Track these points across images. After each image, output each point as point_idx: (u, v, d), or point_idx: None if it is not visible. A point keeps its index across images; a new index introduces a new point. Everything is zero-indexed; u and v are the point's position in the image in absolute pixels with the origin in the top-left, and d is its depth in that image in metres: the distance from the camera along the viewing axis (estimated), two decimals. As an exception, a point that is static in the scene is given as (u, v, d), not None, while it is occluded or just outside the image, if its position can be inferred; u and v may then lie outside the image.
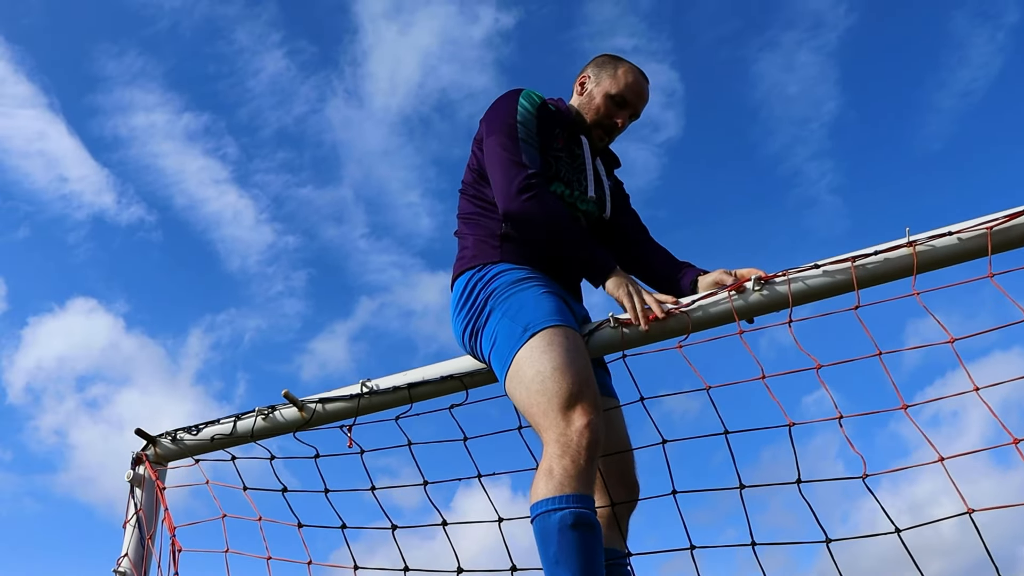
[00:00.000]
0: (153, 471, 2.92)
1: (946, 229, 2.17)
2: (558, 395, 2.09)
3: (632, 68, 2.73)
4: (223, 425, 2.87)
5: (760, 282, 2.30)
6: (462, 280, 2.45)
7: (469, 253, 2.48)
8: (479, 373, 2.52)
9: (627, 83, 2.69)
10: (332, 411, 2.72)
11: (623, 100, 2.68)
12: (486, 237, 2.48)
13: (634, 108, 2.71)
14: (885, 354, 2.16)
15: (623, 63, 2.74)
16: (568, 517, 1.93)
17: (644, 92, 2.74)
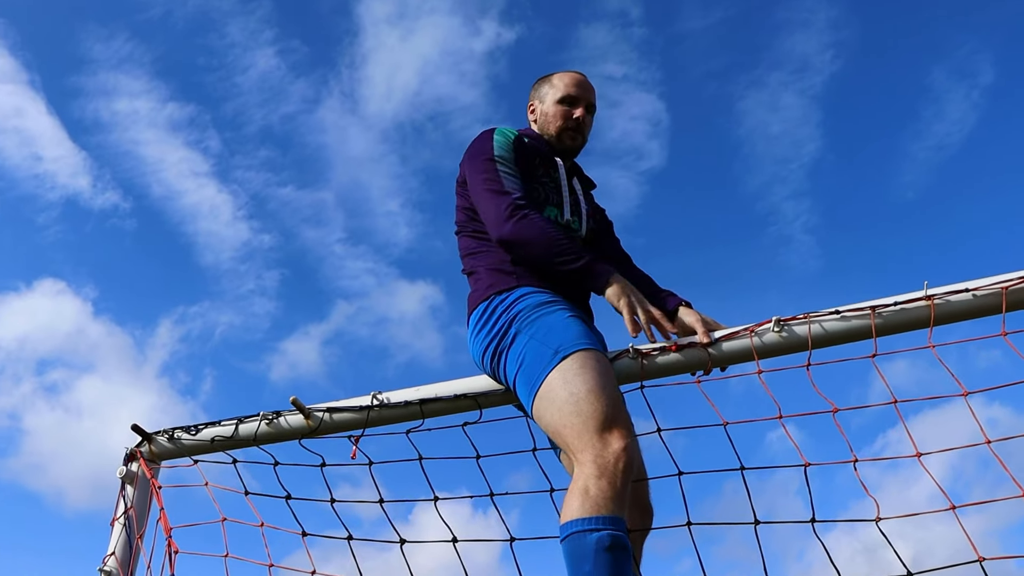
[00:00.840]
0: (148, 469, 2.87)
1: (963, 285, 2.25)
2: (594, 417, 2.11)
3: (566, 71, 2.91)
4: (224, 427, 2.84)
5: (780, 323, 2.36)
6: (482, 306, 2.49)
7: (484, 283, 2.52)
8: (494, 394, 2.54)
9: (567, 82, 2.87)
10: (340, 421, 2.70)
11: (571, 97, 2.84)
12: (498, 265, 2.53)
13: (585, 99, 2.85)
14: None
15: (555, 72, 2.92)
16: (605, 539, 1.94)
17: (586, 82, 2.89)
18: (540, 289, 2.45)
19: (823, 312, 2.34)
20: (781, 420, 2.28)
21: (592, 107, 2.89)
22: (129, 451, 2.94)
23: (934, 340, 2.25)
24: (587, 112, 2.85)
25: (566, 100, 2.84)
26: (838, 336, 2.32)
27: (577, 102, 2.84)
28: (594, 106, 2.90)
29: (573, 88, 2.85)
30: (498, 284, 2.48)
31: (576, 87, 2.86)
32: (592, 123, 2.92)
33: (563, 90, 2.85)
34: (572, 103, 2.84)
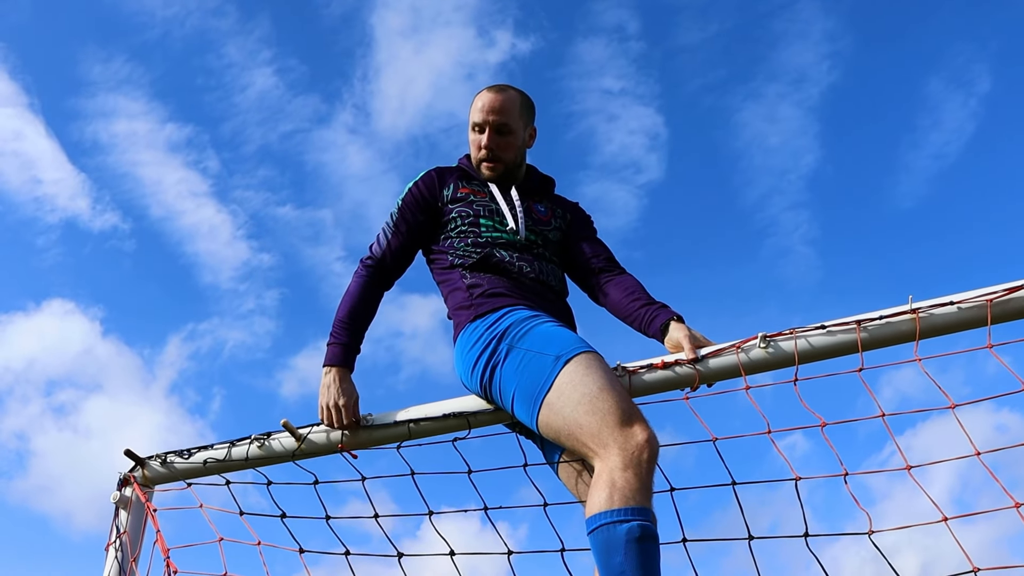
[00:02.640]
0: (143, 493, 2.88)
1: (948, 299, 2.25)
2: (612, 412, 2.10)
3: (480, 92, 2.82)
4: (217, 451, 2.85)
5: (766, 339, 2.35)
6: (469, 327, 2.50)
7: (471, 304, 2.54)
8: (483, 413, 2.53)
9: (475, 107, 2.79)
10: (332, 441, 2.70)
11: (476, 124, 2.77)
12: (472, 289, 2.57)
13: (490, 124, 2.74)
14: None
15: (477, 92, 2.84)
16: (636, 529, 1.92)
17: (490, 102, 2.75)
18: (526, 306, 2.46)
19: (809, 327, 2.33)
20: (770, 435, 2.28)
21: (503, 126, 2.74)
22: (123, 476, 2.94)
23: (921, 353, 2.25)
24: (497, 134, 2.74)
25: (474, 128, 2.79)
26: (824, 351, 2.32)
27: (483, 128, 2.75)
28: (507, 124, 2.74)
29: (476, 113, 2.76)
30: (486, 304, 2.49)
31: (479, 112, 2.75)
32: (516, 140, 2.78)
33: (472, 117, 2.79)
34: (480, 130, 2.77)
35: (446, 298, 2.68)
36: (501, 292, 2.52)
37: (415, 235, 2.76)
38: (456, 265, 2.65)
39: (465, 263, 2.63)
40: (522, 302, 2.50)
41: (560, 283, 2.72)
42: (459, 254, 2.66)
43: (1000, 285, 2.21)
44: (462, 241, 2.67)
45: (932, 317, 2.25)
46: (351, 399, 2.58)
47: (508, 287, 2.54)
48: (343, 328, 2.64)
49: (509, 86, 2.83)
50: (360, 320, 2.68)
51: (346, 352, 2.62)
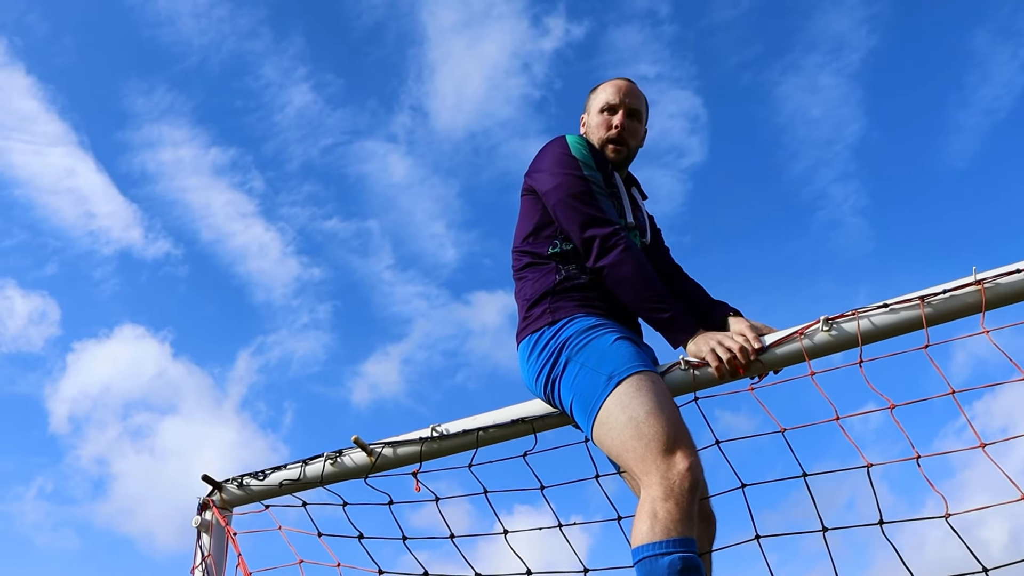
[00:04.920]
0: (222, 517, 2.95)
1: (1014, 267, 2.22)
2: (656, 439, 2.13)
3: (611, 79, 2.86)
4: (291, 470, 2.91)
5: (829, 322, 2.34)
6: (532, 337, 2.51)
7: (535, 313, 2.53)
8: (549, 417, 2.56)
9: (607, 90, 2.83)
10: (401, 455, 2.75)
11: (610, 105, 2.79)
12: (550, 290, 2.53)
13: (625, 106, 2.78)
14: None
15: (600, 83, 2.88)
16: (677, 562, 1.97)
17: (626, 87, 2.83)
18: (585, 313, 2.47)
19: (871, 307, 2.32)
20: (839, 422, 2.27)
21: (636, 112, 2.81)
22: (202, 501, 3.02)
23: (988, 325, 2.23)
24: (629, 117, 2.78)
25: (606, 108, 2.80)
26: (888, 330, 2.30)
27: (616, 109, 2.78)
28: (639, 111, 2.82)
29: (612, 95, 2.80)
30: (547, 317, 2.49)
31: (615, 94, 2.80)
32: (640, 130, 2.85)
33: (604, 98, 2.82)
34: (612, 111, 2.79)
35: (523, 287, 2.62)
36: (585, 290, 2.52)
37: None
38: (555, 255, 2.59)
39: (567, 254, 2.58)
40: (597, 308, 2.49)
41: None
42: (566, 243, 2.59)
43: (1065, 250, 2.18)
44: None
45: (998, 287, 2.22)
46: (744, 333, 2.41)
47: (597, 286, 2.52)
48: (670, 299, 2.44)
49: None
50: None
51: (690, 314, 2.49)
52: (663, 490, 2.06)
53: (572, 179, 2.57)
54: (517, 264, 2.69)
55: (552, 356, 2.42)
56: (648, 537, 2.02)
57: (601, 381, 2.27)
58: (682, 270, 2.90)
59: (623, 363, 2.29)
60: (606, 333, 2.39)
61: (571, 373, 2.35)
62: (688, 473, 2.08)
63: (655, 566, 1.99)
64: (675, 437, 2.14)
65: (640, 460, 2.14)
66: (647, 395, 2.21)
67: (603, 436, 2.26)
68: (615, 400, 2.23)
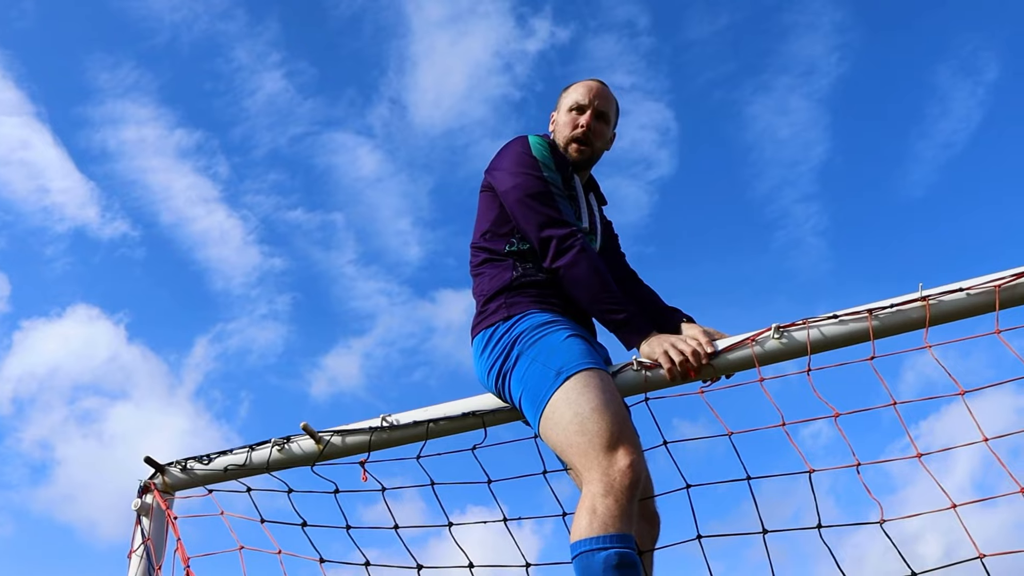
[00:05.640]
0: (163, 500, 2.91)
1: (957, 285, 2.29)
2: (599, 435, 2.15)
3: (584, 79, 2.88)
4: (237, 455, 2.87)
5: (780, 330, 2.39)
6: (487, 331, 2.52)
7: (490, 308, 2.54)
8: (500, 411, 2.57)
9: (579, 90, 2.84)
10: (350, 444, 2.73)
11: (579, 105, 2.80)
12: (506, 286, 2.55)
13: (594, 107, 2.80)
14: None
15: (574, 82, 2.90)
16: (613, 557, 1.99)
17: (598, 89, 2.84)
18: (540, 310, 2.48)
19: (821, 317, 2.37)
20: (784, 428, 2.32)
21: (604, 115, 2.82)
22: (143, 483, 2.96)
23: (932, 340, 2.29)
24: (596, 119, 2.79)
25: (575, 107, 2.81)
26: (837, 340, 2.36)
27: (584, 109, 2.79)
28: (607, 114, 2.83)
29: (582, 96, 2.81)
30: (502, 312, 2.50)
31: (586, 94, 2.81)
32: (607, 133, 2.86)
33: (574, 98, 2.82)
34: (580, 111, 2.80)
35: (480, 283, 2.64)
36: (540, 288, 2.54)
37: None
38: (512, 253, 2.60)
39: (524, 253, 2.60)
40: (552, 305, 2.51)
41: None
42: (523, 242, 2.61)
43: (1009, 271, 2.25)
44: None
45: (942, 304, 2.29)
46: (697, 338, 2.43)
47: (553, 284, 2.54)
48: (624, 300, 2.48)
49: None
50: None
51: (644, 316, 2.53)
52: (603, 486, 2.08)
53: (531, 179, 2.59)
54: (474, 260, 2.70)
55: (505, 351, 2.43)
56: (586, 532, 2.03)
57: (550, 376, 2.29)
58: (637, 276, 2.94)
59: (573, 360, 2.31)
60: (559, 330, 2.41)
61: (522, 367, 2.37)
62: (629, 470, 2.10)
63: (591, 561, 2.01)
64: (619, 435, 2.16)
65: (583, 455, 2.15)
66: (594, 392, 2.23)
67: (549, 430, 2.27)
68: (562, 395, 2.24)
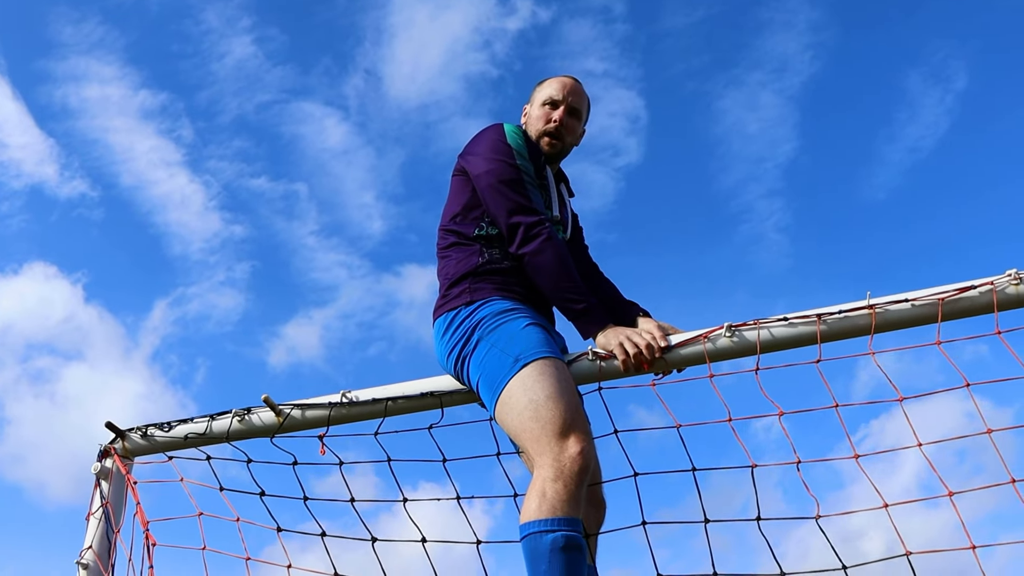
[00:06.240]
0: (123, 465, 2.95)
1: (903, 296, 2.38)
2: (552, 422, 2.23)
3: (559, 75, 2.94)
4: (197, 424, 2.91)
5: (732, 329, 2.47)
6: (448, 315, 2.57)
7: (453, 292, 2.60)
8: (457, 393, 2.64)
9: (553, 85, 2.91)
10: (309, 418, 2.79)
11: (553, 100, 2.87)
12: (471, 271, 2.60)
13: (567, 103, 2.87)
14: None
15: (548, 77, 2.96)
16: (560, 540, 2.08)
17: (572, 85, 2.91)
18: (501, 296, 2.54)
19: (772, 319, 2.45)
20: (731, 423, 2.41)
21: (576, 111, 2.89)
22: (103, 448, 3.00)
23: (876, 347, 2.38)
24: (569, 115, 2.86)
25: (548, 102, 2.87)
26: (785, 342, 2.44)
27: (558, 105, 2.86)
28: (579, 111, 2.90)
29: (556, 91, 2.88)
30: (465, 296, 2.56)
31: (559, 90, 2.88)
32: (578, 128, 2.93)
33: (548, 93, 2.89)
34: (554, 106, 2.86)
35: (446, 266, 2.69)
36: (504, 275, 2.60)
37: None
38: (480, 238, 2.66)
39: (492, 238, 2.65)
40: (514, 293, 2.57)
41: None
42: (492, 227, 2.66)
43: (952, 285, 2.34)
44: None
45: (887, 313, 2.38)
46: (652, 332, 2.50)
47: (517, 272, 2.60)
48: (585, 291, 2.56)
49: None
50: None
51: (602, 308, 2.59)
52: (554, 471, 2.16)
53: (504, 166, 2.64)
54: (442, 243, 2.75)
55: (465, 335, 2.49)
56: (535, 515, 2.12)
57: (508, 362, 2.35)
58: (599, 269, 3.00)
59: (531, 347, 2.37)
60: (519, 318, 2.47)
61: (481, 352, 2.43)
62: (579, 457, 2.18)
63: (539, 542, 2.10)
64: (571, 422, 2.24)
65: (535, 441, 2.23)
66: (549, 380, 2.30)
67: (504, 415, 2.35)
68: (518, 382, 2.31)
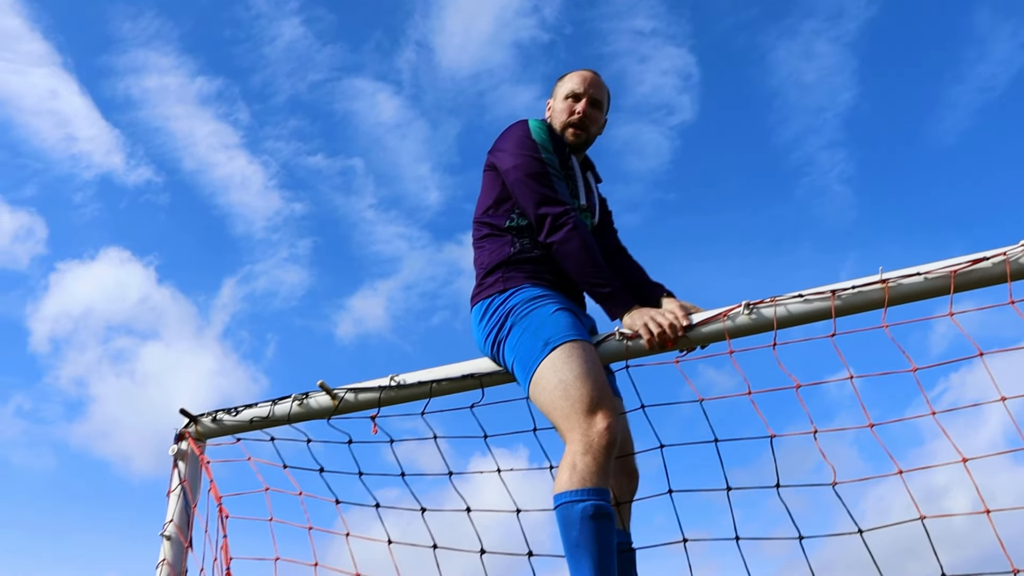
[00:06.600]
0: (197, 447, 3.23)
1: (915, 269, 2.46)
2: (580, 401, 2.40)
3: (578, 70, 3.08)
4: (261, 408, 3.18)
5: (750, 307, 2.59)
6: (484, 303, 2.76)
7: (488, 281, 2.78)
8: (495, 374, 2.82)
9: (574, 80, 3.06)
10: (362, 400, 3.02)
11: (575, 93, 3.02)
12: (504, 260, 2.78)
13: (588, 95, 3.01)
14: (857, 378, 2.49)
15: (570, 71, 3.10)
16: (589, 508, 2.27)
17: (592, 78, 3.06)
18: (532, 284, 2.71)
19: (787, 296, 2.56)
20: (751, 396, 2.54)
21: (597, 102, 3.03)
22: (179, 432, 3.30)
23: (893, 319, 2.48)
24: (591, 106, 3.01)
25: (570, 95, 3.02)
26: (801, 317, 2.55)
27: (580, 97, 3.01)
28: (600, 102, 3.05)
29: (578, 85, 3.03)
30: (499, 285, 2.74)
31: (581, 84, 3.03)
32: (600, 119, 3.08)
33: (570, 87, 3.04)
34: (576, 99, 3.01)
35: (480, 256, 2.87)
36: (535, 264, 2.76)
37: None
38: (511, 229, 2.83)
39: (523, 229, 2.82)
40: (544, 281, 2.74)
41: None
42: (522, 218, 2.83)
43: (963, 257, 2.42)
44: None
45: (900, 287, 2.47)
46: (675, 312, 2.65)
47: (547, 260, 2.77)
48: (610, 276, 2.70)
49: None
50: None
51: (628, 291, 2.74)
52: (583, 445, 2.34)
53: (530, 160, 2.80)
54: (477, 234, 2.93)
55: (500, 321, 2.67)
56: (567, 486, 2.31)
57: (539, 346, 2.53)
58: (626, 251, 3.14)
59: (560, 332, 2.54)
60: (548, 304, 2.65)
61: (514, 337, 2.61)
62: (606, 432, 2.36)
63: (571, 511, 2.29)
64: (598, 400, 2.41)
65: (565, 418, 2.41)
66: (577, 362, 2.47)
67: (537, 394, 2.53)
68: (549, 364, 2.49)
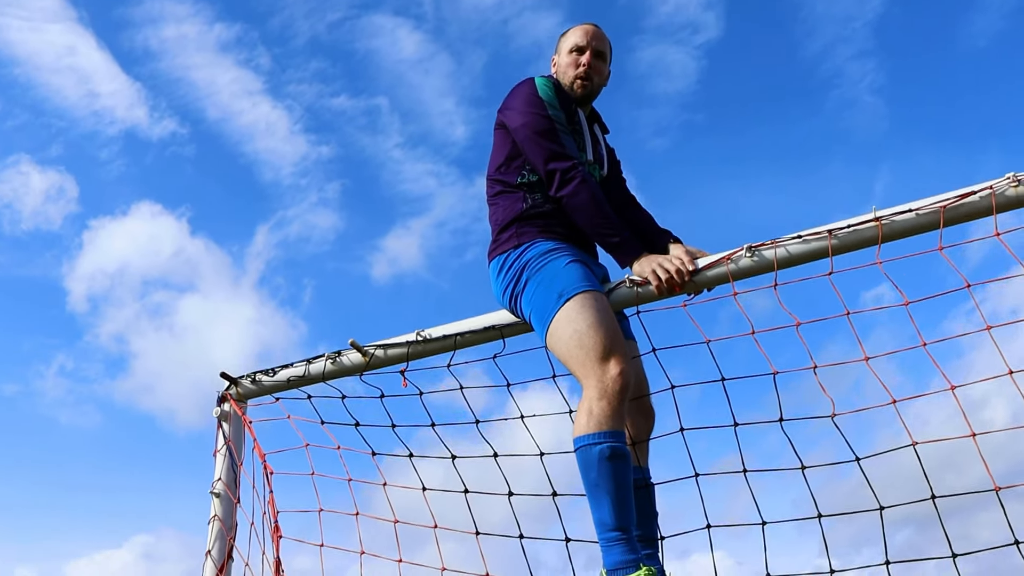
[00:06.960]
0: (239, 408, 3.45)
1: (907, 206, 2.60)
2: (594, 349, 2.57)
3: (579, 24, 3.20)
4: (296, 368, 3.38)
5: (751, 249, 2.74)
6: (500, 258, 2.92)
7: (504, 237, 2.93)
8: (515, 325, 3.00)
9: (577, 33, 3.17)
10: (391, 356, 3.21)
11: (579, 46, 3.13)
12: (518, 216, 2.92)
13: (592, 47, 3.13)
14: (853, 313, 2.65)
15: (571, 27, 3.22)
16: (606, 450, 2.45)
17: (594, 31, 3.18)
18: (547, 238, 2.87)
19: (787, 237, 2.71)
20: (754, 336, 2.70)
21: (601, 53, 3.15)
22: (220, 394, 3.51)
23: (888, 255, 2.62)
24: (595, 58, 3.13)
25: (574, 48, 3.14)
26: (800, 257, 2.70)
27: (584, 50, 3.12)
28: (604, 53, 3.17)
29: (581, 38, 3.14)
30: (513, 240, 2.90)
31: (584, 36, 3.14)
32: (604, 70, 3.20)
33: (573, 40, 3.16)
34: (581, 51, 3.13)
35: (495, 212, 3.02)
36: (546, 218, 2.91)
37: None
38: (523, 185, 2.97)
39: (534, 184, 2.96)
40: (556, 234, 2.89)
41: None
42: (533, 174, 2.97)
43: (952, 192, 2.55)
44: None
45: (893, 224, 2.60)
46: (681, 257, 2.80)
47: (558, 214, 2.91)
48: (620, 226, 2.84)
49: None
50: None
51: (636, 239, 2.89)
52: (598, 391, 2.52)
53: (538, 118, 2.94)
54: (490, 191, 3.08)
55: (516, 275, 2.84)
56: (584, 430, 2.49)
57: (553, 298, 2.70)
58: (635, 200, 3.28)
59: (572, 283, 2.70)
60: (561, 256, 2.81)
61: (530, 290, 2.78)
62: (620, 377, 2.53)
63: (589, 453, 2.48)
64: (611, 347, 2.58)
65: (581, 365, 2.58)
66: (590, 311, 2.64)
67: (553, 344, 2.70)
68: (563, 314, 2.66)
